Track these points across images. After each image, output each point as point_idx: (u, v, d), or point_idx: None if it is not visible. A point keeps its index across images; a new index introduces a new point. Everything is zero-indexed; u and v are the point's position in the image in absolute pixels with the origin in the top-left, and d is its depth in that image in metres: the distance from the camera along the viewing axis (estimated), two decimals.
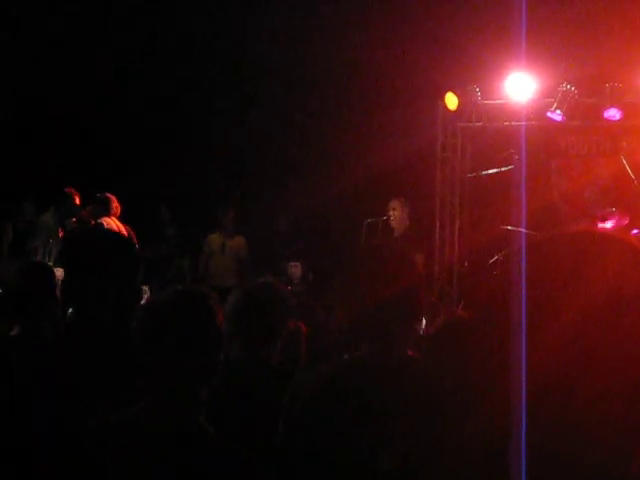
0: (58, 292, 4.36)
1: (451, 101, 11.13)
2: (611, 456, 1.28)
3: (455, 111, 11.28)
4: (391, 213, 10.18)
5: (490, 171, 10.97)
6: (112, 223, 9.75)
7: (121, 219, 10.08)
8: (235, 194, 12.29)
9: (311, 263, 11.92)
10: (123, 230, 9.45)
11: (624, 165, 10.19)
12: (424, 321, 7.49)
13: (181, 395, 2.52)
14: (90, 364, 2.99)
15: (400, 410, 2.39)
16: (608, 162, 10.73)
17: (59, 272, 9.77)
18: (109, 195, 10.06)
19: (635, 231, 8.96)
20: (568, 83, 10.46)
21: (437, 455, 1.50)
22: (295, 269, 11.74)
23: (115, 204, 10.04)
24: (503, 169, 10.65)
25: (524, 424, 1.23)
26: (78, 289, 3.20)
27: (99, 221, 9.74)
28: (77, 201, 10.24)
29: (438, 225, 11.57)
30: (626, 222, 9.28)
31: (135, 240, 8.67)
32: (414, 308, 2.65)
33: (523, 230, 8.55)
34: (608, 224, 9.21)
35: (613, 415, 1.29)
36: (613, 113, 10.46)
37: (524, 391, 1.29)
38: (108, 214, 9.92)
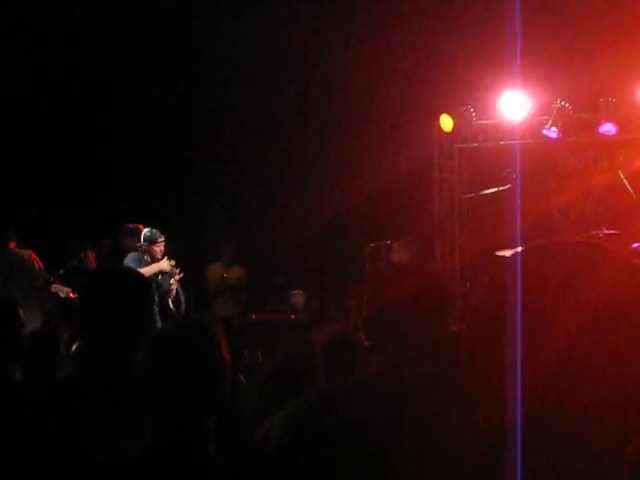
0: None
1: (446, 123, 11.16)
2: (604, 463, 1.25)
3: (451, 132, 11.30)
4: (394, 256, 10.03)
5: (488, 191, 10.94)
6: None
7: None
8: (229, 221, 12.21)
9: (314, 290, 11.86)
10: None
11: (622, 180, 10.15)
12: None
13: (189, 426, 2.49)
14: (103, 396, 3.01)
15: (402, 426, 2.36)
16: (606, 178, 10.69)
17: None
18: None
19: (636, 245, 8.90)
20: (562, 100, 10.47)
21: (434, 467, 1.48)
22: (298, 297, 11.68)
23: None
24: (501, 188, 10.62)
25: (519, 433, 1.19)
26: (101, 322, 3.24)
27: None
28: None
29: (439, 247, 11.53)
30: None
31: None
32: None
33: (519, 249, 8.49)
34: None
35: (606, 423, 1.25)
36: (608, 128, 10.44)
37: (519, 401, 1.25)
38: None
